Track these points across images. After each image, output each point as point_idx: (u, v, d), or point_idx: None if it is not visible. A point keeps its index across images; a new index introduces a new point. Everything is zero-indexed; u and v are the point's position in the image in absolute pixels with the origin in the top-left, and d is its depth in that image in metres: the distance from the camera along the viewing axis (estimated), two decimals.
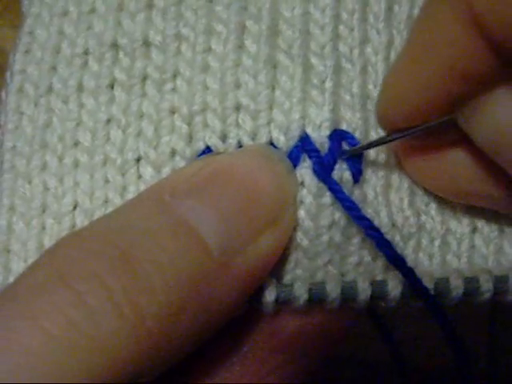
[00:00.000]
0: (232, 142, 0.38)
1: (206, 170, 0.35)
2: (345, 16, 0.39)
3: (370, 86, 0.39)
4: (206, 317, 0.32)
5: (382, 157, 0.39)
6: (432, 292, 0.36)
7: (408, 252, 0.38)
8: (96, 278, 0.30)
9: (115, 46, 0.40)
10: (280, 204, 0.35)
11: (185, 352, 0.33)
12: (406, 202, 0.38)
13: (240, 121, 0.38)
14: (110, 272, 0.30)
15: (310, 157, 0.37)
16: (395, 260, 0.36)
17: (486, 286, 0.36)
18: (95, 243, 0.32)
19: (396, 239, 0.37)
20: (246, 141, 0.38)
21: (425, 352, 0.57)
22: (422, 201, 0.39)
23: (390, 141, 0.36)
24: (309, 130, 0.37)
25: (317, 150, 0.37)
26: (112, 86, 0.40)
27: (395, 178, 0.39)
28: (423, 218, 0.39)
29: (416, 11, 0.40)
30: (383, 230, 0.37)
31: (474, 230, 0.39)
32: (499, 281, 0.36)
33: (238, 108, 0.38)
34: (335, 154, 0.37)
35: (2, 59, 0.60)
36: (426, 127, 0.34)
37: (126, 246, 0.31)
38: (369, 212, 0.37)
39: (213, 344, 0.35)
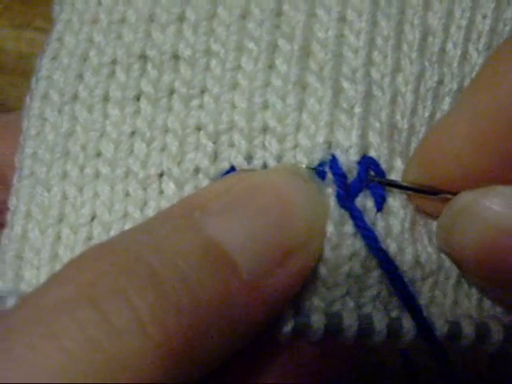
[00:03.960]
0: (257, 163, 0.37)
1: (238, 187, 0.34)
2: (379, 42, 0.39)
3: (398, 117, 0.38)
4: (232, 338, 0.32)
5: None
6: (444, 334, 0.36)
7: (425, 289, 0.37)
8: (122, 296, 0.29)
9: (144, 57, 0.39)
10: (311, 226, 0.34)
11: (207, 372, 0.32)
12: (425, 237, 0.38)
13: (266, 143, 0.37)
14: (137, 290, 0.30)
15: (336, 181, 0.36)
16: (406, 298, 0.35)
17: (497, 336, 0.36)
18: (122, 258, 0.31)
19: (416, 277, 0.37)
20: (272, 163, 0.37)
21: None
22: None
23: (418, 191, 0.36)
24: (337, 153, 0.37)
25: (344, 175, 0.36)
26: (138, 98, 0.39)
27: (420, 214, 0.38)
28: (442, 255, 0.38)
29: (449, 45, 0.39)
30: (406, 267, 0.36)
31: None
32: (508, 330, 0.36)
33: (264, 129, 0.38)
34: (363, 180, 0.36)
35: (2, 59, 0.60)
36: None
37: (154, 263, 0.31)
38: (392, 247, 0.36)
39: (230, 368, 0.34)
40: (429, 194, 0.36)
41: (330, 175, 0.36)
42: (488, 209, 0.33)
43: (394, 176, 0.37)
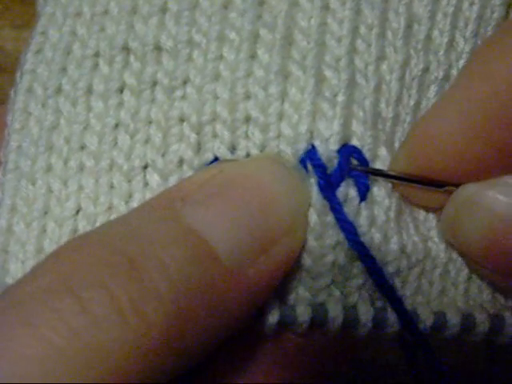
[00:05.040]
0: (240, 153, 0.37)
1: (219, 177, 0.34)
2: (363, 30, 0.38)
3: (382, 105, 0.38)
4: (215, 327, 0.32)
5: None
6: (429, 326, 0.36)
7: (411, 279, 0.37)
8: (101, 286, 0.29)
9: (126, 49, 0.39)
10: (293, 214, 0.34)
11: (191, 362, 0.32)
12: (411, 226, 0.38)
13: (249, 133, 0.37)
14: (116, 280, 0.30)
15: (315, 171, 0.36)
16: (387, 291, 0.35)
17: (482, 326, 0.36)
18: (102, 249, 0.31)
19: (402, 266, 0.37)
20: (255, 153, 0.37)
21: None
22: (424, 226, 0.38)
23: (402, 180, 0.36)
24: (316, 143, 0.37)
25: (323, 166, 0.36)
26: (121, 91, 0.39)
27: (405, 203, 0.38)
28: (429, 244, 0.38)
29: (436, 33, 0.39)
30: (391, 257, 0.36)
31: None
32: (494, 321, 0.36)
33: (247, 120, 0.37)
34: (344, 170, 0.36)
35: (2, 59, 0.60)
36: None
37: (133, 254, 0.31)
38: (376, 237, 0.36)
39: (216, 357, 0.34)
40: (414, 183, 0.36)
41: (310, 165, 0.36)
42: (494, 199, 0.33)
43: (379, 165, 0.37)
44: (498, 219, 0.33)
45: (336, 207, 0.35)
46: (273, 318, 0.35)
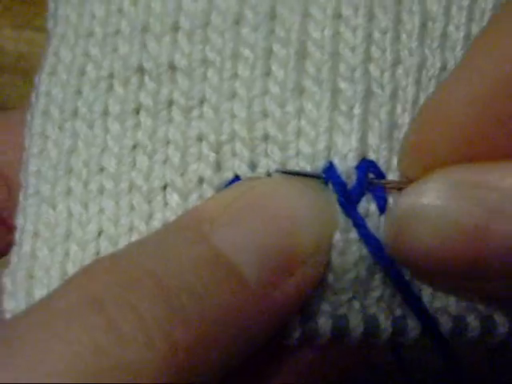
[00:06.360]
0: (261, 171, 0.37)
1: (246, 197, 0.34)
2: (377, 36, 0.38)
3: (398, 111, 0.38)
4: (240, 349, 0.32)
5: None
6: (449, 330, 0.36)
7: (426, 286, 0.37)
8: (130, 306, 0.30)
9: (141, 69, 0.39)
10: (320, 235, 0.34)
11: (213, 382, 0.32)
12: None
13: (268, 151, 0.37)
14: (144, 301, 0.30)
15: (335, 189, 0.36)
16: (412, 302, 0.36)
17: (502, 328, 0.36)
18: (131, 269, 0.31)
19: None
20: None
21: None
22: None
23: None
24: (335, 160, 0.37)
25: (343, 183, 0.36)
26: (138, 111, 0.39)
27: None
28: None
29: (451, 28, 0.38)
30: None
31: None
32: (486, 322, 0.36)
33: (265, 138, 0.37)
34: (363, 185, 0.36)
35: (2, 59, 0.60)
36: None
37: (162, 275, 0.31)
38: None
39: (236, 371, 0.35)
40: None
41: (330, 183, 0.36)
42: (426, 207, 0.33)
43: (392, 176, 0.37)
44: (438, 226, 0.32)
45: (359, 223, 0.35)
46: (295, 331, 0.35)
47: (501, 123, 0.32)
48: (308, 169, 0.37)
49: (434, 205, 0.32)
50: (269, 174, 0.37)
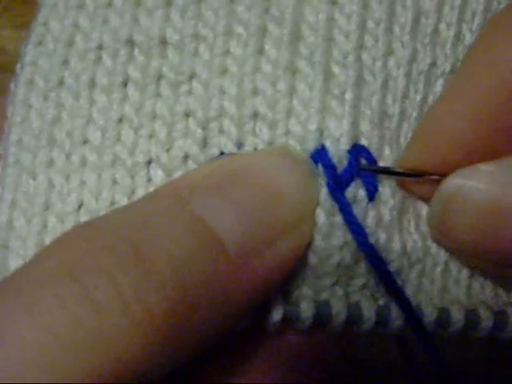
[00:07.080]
0: (248, 149, 0.37)
1: (227, 167, 0.34)
2: (371, 25, 0.38)
3: (389, 102, 0.38)
4: (217, 319, 0.31)
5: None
6: (433, 322, 0.35)
7: (412, 277, 0.37)
8: (105, 273, 0.29)
9: (131, 42, 0.38)
10: (302, 207, 0.34)
11: (192, 354, 0.32)
12: (412, 224, 0.37)
13: (257, 129, 0.37)
14: (121, 267, 0.29)
15: (325, 172, 0.35)
16: (394, 291, 0.35)
17: (486, 322, 0.36)
18: (107, 237, 0.30)
19: (404, 265, 0.36)
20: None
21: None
22: (425, 224, 0.38)
23: (411, 176, 0.36)
24: (327, 143, 0.36)
25: (333, 166, 0.35)
26: (125, 84, 0.38)
27: (408, 201, 0.37)
28: (429, 242, 0.37)
29: (443, 26, 0.39)
30: (394, 256, 0.36)
31: None
32: (498, 317, 0.36)
33: (255, 116, 0.37)
34: (354, 170, 0.36)
35: (3, 58, 0.59)
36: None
37: (138, 241, 0.30)
38: (382, 237, 0.36)
39: (216, 355, 0.34)
40: (422, 177, 0.36)
41: (320, 166, 0.36)
42: (476, 189, 0.33)
43: (383, 164, 0.37)
44: (484, 210, 0.33)
45: (345, 209, 0.35)
46: (277, 314, 0.35)
47: (503, 135, 0.33)
48: (298, 149, 0.36)
49: (481, 187, 0.32)
50: None
